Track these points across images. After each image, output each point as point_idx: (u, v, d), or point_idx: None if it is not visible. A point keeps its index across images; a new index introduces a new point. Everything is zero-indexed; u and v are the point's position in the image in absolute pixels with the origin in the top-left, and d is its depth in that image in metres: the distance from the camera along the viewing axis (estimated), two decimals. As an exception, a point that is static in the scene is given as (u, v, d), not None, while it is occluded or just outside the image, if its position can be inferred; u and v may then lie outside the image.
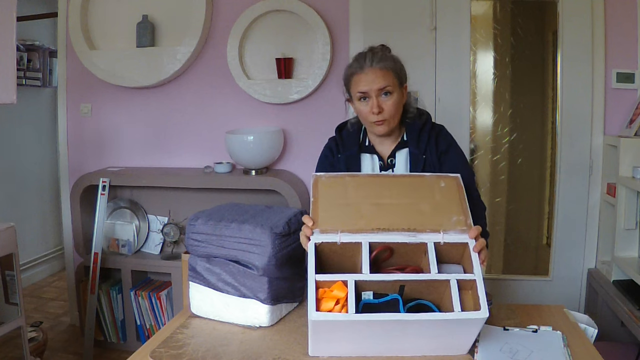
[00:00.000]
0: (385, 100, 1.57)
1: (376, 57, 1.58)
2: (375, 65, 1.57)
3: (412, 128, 1.66)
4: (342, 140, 1.71)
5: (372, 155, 1.69)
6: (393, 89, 1.58)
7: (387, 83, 1.56)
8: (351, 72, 1.61)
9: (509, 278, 2.93)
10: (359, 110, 1.62)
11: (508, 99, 2.88)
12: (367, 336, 1.20)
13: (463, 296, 1.21)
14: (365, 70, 1.57)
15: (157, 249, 3.04)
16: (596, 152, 2.74)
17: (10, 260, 2.19)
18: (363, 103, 1.59)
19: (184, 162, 3.12)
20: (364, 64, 1.58)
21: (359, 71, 1.58)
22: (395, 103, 1.58)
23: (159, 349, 1.29)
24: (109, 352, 2.98)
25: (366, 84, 1.56)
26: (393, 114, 1.59)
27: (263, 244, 1.38)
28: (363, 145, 1.71)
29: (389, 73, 1.57)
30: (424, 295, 1.25)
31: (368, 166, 1.69)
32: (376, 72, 1.56)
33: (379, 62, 1.57)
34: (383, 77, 1.56)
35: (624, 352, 2.28)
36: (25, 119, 3.97)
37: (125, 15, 3.02)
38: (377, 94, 1.56)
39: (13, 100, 2.22)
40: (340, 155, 1.69)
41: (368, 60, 1.58)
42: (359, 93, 1.58)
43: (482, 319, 1.15)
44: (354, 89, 1.60)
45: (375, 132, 1.63)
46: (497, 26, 2.87)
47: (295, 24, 2.88)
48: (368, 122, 1.62)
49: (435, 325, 1.17)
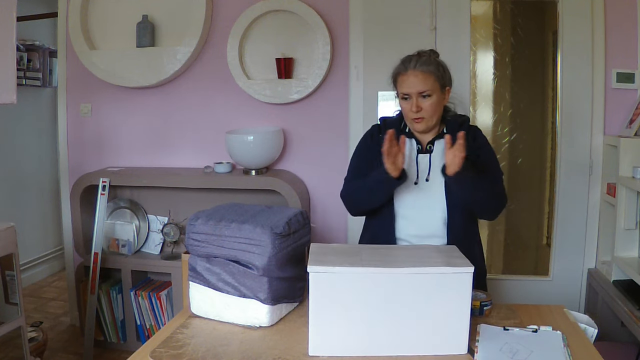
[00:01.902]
0: (424, 101, 1.69)
1: (420, 60, 1.70)
2: (418, 68, 1.68)
3: (452, 123, 1.78)
4: (385, 126, 1.82)
5: (411, 140, 1.78)
6: (432, 92, 1.68)
7: (427, 87, 1.67)
8: (396, 72, 1.74)
9: (509, 278, 2.93)
10: (402, 107, 1.75)
11: (508, 99, 2.88)
12: (365, 305, 1.20)
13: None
14: (408, 72, 1.69)
15: (157, 249, 3.04)
16: (596, 152, 2.74)
17: (10, 260, 2.19)
18: (405, 101, 1.72)
19: (184, 162, 3.12)
20: (408, 65, 1.70)
21: (403, 72, 1.71)
22: (434, 104, 1.69)
23: (159, 349, 1.29)
24: (109, 352, 2.98)
25: (407, 85, 1.69)
26: (431, 114, 1.70)
27: (263, 244, 1.38)
28: (403, 130, 1.80)
29: (430, 76, 1.68)
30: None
31: (407, 148, 1.76)
32: (417, 75, 1.68)
33: (422, 66, 1.69)
34: (424, 80, 1.67)
35: (624, 352, 2.28)
36: (25, 119, 3.97)
37: (125, 15, 3.02)
38: (417, 96, 1.68)
39: (13, 100, 2.22)
40: (381, 135, 1.78)
41: (413, 62, 1.70)
42: (402, 93, 1.72)
43: (469, 274, 1.22)
44: (399, 88, 1.73)
45: (414, 129, 1.76)
46: (497, 26, 2.87)
47: (295, 24, 2.88)
48: (408, 119, 1.74)
49: (427, 282, 1.22)
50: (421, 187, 1.73)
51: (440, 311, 1.24)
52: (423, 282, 1.23)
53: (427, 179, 1.73)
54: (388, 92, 2.91)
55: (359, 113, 2.87)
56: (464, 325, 1.25)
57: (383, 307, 1.23)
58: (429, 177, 1.73)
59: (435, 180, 1.72)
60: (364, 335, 1.24)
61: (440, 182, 1.70)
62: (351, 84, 2.87)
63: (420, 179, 1.74)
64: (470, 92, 2.83)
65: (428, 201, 1.72)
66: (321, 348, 1.25)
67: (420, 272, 1.24)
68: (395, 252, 1.39)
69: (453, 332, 1.25)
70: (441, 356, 1.24)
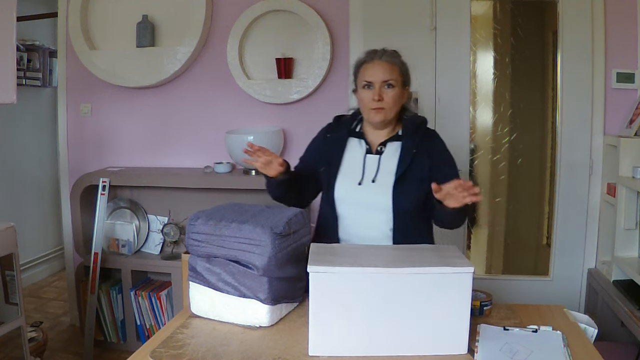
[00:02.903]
0: (387, 91, 1.69)
1: (386, 53, 1.73)
2: (384, 59, 1.71)
3: (409, 124, 1.76)
4: (336, 126, 1.84)
5: (360, 140, 1.78)
6: (396, 84, 1.70)
7: (392, 77, 1.69)
8: (361, 61, 1.75)
9: (509, 278, 2.93)
10: (361, 97, 1.72)
11: (508, 99, 2.87)
12: (364, 303, 1.21)
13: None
14: (374, 61, 1.71)
15: (157, 249, 3.04)
16: (596, 152, 2.74)
17: (10, 260, 2.19)
18: (366, 91, 1.70)
19: (184, 162, 3.12)
20: (374, 56, 1.72)
21: (369, 61, 1.72)
22: (396, 96, 1.70)
23: (159, 349, 1.29)
24: (109, 352, 2.98)
25: (372, 73, 1.69)
26: (391, 105, 1.70)
27: (263, 244, 1.38)
28: (353, 130, 1.80)
29: (395, 68, 1.71)
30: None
31: (354, 149, 1.77)
32: (384, 65, 1.70)
33: (388, 57, 1.72)
34: (389, 70, 1.69)
35: (624, 352, 2.28)
36: (25, 119, 3.97)
37: (125, 15, 3.02)
38: (380, 85, 1.68)
39: (13, 100, 2.22)
40: (329, 135, 1.81)
41: (379, 54, 1.72)
42: (364, 81, 1.70)
43: (469, 274, 1.22)
44: (360, 77, 1.72)
45: (372, 120, 1.72)
46: (497, 26, 2.87)
47: (295, 24, 2.88)
48: (367, 110, 1.72)
49: (427, 282, 1.22)
50: (365, 187, 1.70)
51: (440, 311, 1.24)
52: (423, 282, 1.23)
53: (373, 180, 1.70)
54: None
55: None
56: (464, 325, 1.25)
57: (383, 307, 1.23)
58: (375, 178, 1.70)
59: (382, 182, 1.69)
60: (364, 335, 1.24)
61: (387, 185, 1.67)
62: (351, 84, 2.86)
63: (366, 179, 1.70)
64: (470, 92, 2.83)
65: (371, 202, 1.69)
66: (321, 348, 1.25)
67: (420, 272, 1.24)
68: (395, 252, 1.39)
69: (453, 332, 1.25)
70: (441, 356, 1.24)
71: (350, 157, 1.75)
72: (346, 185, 1.71)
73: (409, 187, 1.67)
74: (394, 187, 1.67)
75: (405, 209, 1.67)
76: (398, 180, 1.67)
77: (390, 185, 1.67)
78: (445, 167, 1.73)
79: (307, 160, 1.86)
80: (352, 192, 1.70)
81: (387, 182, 1.68)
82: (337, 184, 1.73)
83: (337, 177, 1.73)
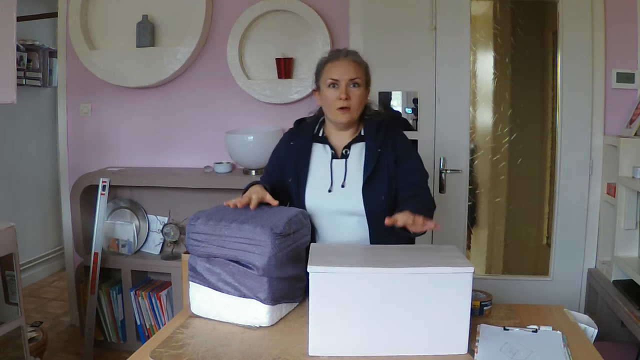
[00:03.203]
0: (353, 90, 1.67)
1: (351, 52, 1.72)
2: (350, 57, 1.69)
3: (370, 124, 1.74)
4: (298, 131, 1.80)
5: (325, 146, 1.75)
6: (361, 83, 1.68)
7: (358, 75, 1.67)
8: (326, 60, 1.72)
9: (509, 278, 2.93)
10: (326, 96, 1.69)
11: (508, 99, 2.87)
12: (365, 305, 1.22)
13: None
14: (340, 59, 1.68)
15: (157, 249, 3.04)
16: (596, 152, 2.74)
17: (10, 260, 2.19)
18: (332, 90, 1.67)
19: (184, 162, 3.12)
20: (340, 55, 1.70)
21: (334, 60, 1.69)
22: (362, 96, 1.69)
23: (159, 349, 1.29)
24: (109, 352, 2.98)
25: (339, 71, 1.66)
26: (357, 105, 1.68)
27: (263, 243, 1.38)
28: (317, 136, 1.77)
29: (361, 68, 1.70)
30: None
31: (319, 155, 1.74)
32: (350, 63, 1.68)
33: (354, 56, 1.71)
34: (355, 69, 1.67)
35: (624, 352, 2.28)
36: (25, 119, 3.97)
37: (125, 15, 3.02)
38: (347, 83, 1.66)
39: (13, 100, 2.22)
40: (292, 143, 1.78)
41: (344, 53, 1.71)
42: (330, 79, 1.67)
43: (469, 274, 1.22)
44: (325, 76, 1.69)
45: (337, 120, 1.69)
46: (497, 26, 2.87)
47: (295, 24, 2.88)
48: (332, 109, 1.69)
49: (427, 282, 1.23)
50: (335, 194, 1.68)
51: (440, 311, 1.24)
52: (423, 282, 1.23)
53: (342, 185, 1.68)
54: (388, 92, 2.91)
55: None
56: (464, 325, 1.25)
57: (383, 307, 1.23)
58: (344, 183, 1.68)
59: (351, 186, 1.67)
60: (364, 335, 1.24)
61: (357, 188, 1.66)
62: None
63: (335, 185, 1.68)
64: (470, 92, 2.83)
65: (344, 208, 1.67)
66: (321, 348, 1.25)
67: (420, 272, 1.23)
68: (395, 252, 1.39)
69: (453, 332, 1.25)
70: (441, 356, 1.24)
71: (317, 164, 1.72)
72: (316, 194, 1.68)
73: (378, 188, 1.66)
74: (363, 190, 1.65)
75: (377, 210, 1.64)
76: (366, 182, 1.66)
77: (360, 187, 1.66)
78: (407, 161, 1.71)
79: (273, 172, 1.80)
80: (323, 200, 1.68)
81: (356, 186, 1.66)
82: (307, 193, 1.70)
83: (306, 186, 1.70)
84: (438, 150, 2.85)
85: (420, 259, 1.32)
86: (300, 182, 1.71)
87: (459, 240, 2.88)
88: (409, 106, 2.89)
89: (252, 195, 1.54)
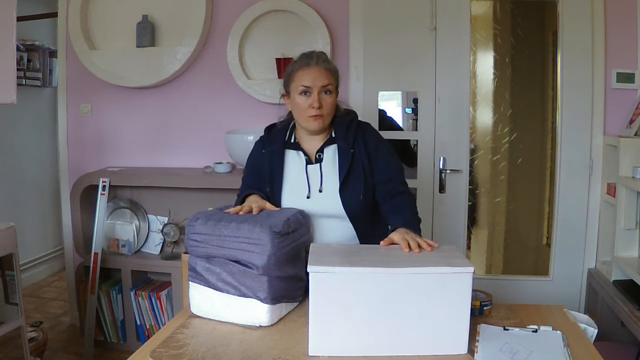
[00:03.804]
0: (325, 97, 1.66)
1: (321, 58, 1.69)
2: (321, 64, 1.67)
3: (340, 125, 1.74)
4: (269, 138, 1.79)
5: (298, 152, 1.74)
6: (333, 89, 1.68)
7: (330, 82, 1.66)
8: (297, 67, 1.68)
9: (509, 278, 2.93)
10: (298, 104, 1.67)
11: (508, 99, 2.87)
12: (365, 305, 1.21)
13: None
14: (311, 66, 1.66)
15: (157, 249, 3.04)
16: (596, 152, 2.74)
17: (10, 260, 2.19)
18: (304, 97, 1.66)
19: (184, 162, 3.12)
20: (311, 61, 1.67)
21: (305, 67, 1.66)
22: (333, 102, 1.68)
23: (159, 349, 1.29)
24: (109, 352, 2.98)
25: (311, 79, 1.64)
26: (329, 111, 1.68)
27: (262, 243, 1.38)
28: (288, 142, 1.76)
29: (331, 74, 1.68)
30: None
31: (293, 162, 1.73)
32: (321, 70, 1.66)
33: (324, 62, 1.68)
34: (327, 76, 1.66)
35: (624, 352, 2.28)
36: (25, 119, 3.97)
37: (125, 15, 3.02)
38: (319, 90, 1.65)
39: (13, 100, 2.22)
40: (264, 151, 1.77)
41: (314, 59, 1.67)
42: (302, 87, 1.65)
43: (469, 274, 1.22)
44: (296, 82, 1.67)
45: (310, 128, 1.69)
46: (497, 26, 2.87)
47: (295, 24, 2.88)
48: (304, 117, 1.67)
49: (427, 282, 1.23)
50: (314, 199, 1.68)
51: (440, 311, 1.24)
52: (423, 282, 1.23)
53: (320, 189, 1.68)
54: (388, 92, 2.91)
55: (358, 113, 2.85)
56: (464, 325, 1.25)
57: (383, 307, 1.23)
58: (321, 187, 1.68)
59: (328, 190, 1.67)
60: (364, 335, 1.24)
61: (334, 191, 1.66)
62: (351, 84, 2.87)
63: (313, 191, 1.68)
64: (470, 92, 2.83)
65: (325, 212, 1.67)
66: (321, 348, 1.25)
67: (420, 272, 1.24)
68: (395, 252, 1.39)
69: (453, 332, 1.25)
70: (441, 356, 1.24)
71: (292, 171, 1.72)
72: (295, 201, 1.68)
73: (355, 188, 1.66)
74: (340, 192, 1.66)
75: (356, 210, 1.66)
76: (342, 184, 1.66)
77: (337, 190, 1.66)
78: (380, 156, 1.71)
79: (251, 183, 1.79)
80: (302, 206, 1.66)
81: (334, 189, 1.67)
82: (284, 201, 1.70)
83: (283, 194, 1.70)
84: (438, 150, 2.85)
85: (420, 259, 1.32)
86: (276, 191, 1.71)
87: (459, 240, 2.88)
88: (409, 106, 2.90)
89: (253, 205, 1.55)
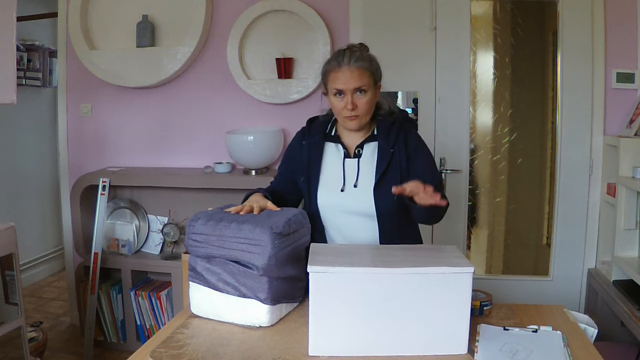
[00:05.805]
0: (359, 97, 1.63)
1: (354, 56, 1.63)
2: (353, 65, 1.62)
3: (383, 124, 1.72)
4: (309, 130, 1.78)
5: (337, 145, 1.73)
6: (367, 88, 1.63)
7: (363, 83, 1.62)
8: (329, 68, 1.66)
9: (509, 278, 2.93)
10: (334, 105, 1.67)
11: (508, 99, 2.87)
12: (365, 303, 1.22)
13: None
14: (342, 68, 1.62)
15: (157, 249, 3.05)
16: (596, 152, 2.74)
17: (10, 260, 2.19)
18: (338, 99, 1.64)
19: (184, 162, 3.12)
20: (342, 62, 1.62)
21: (337, 68, 1.63)
22: (369, 101, 1.64)
23: (159, 349, 1.29)
24: (109, 352, 2.98)
25: (342, 82, 1.61)
26: (365, 111, 1.65)
27: (263, 243, 1.38)
28: (329, 135, 1.76)
29: (365, 73, 1.63)
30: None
31: (332, 154, 1.73)
32: (353, 72, 1.61)
33: (356, 62, 1.62)
34: (359, 76, 1.61)
35: (624, 352, 2.28)
36: (25, 119, 3.97)
37: (125, 15, 3.02)
38: (352, 92, 1.62)
39: (13, 100, 2.22)
40: (304, 142, 1.76)
41: (346, 58, 1.63)
42: (334, 89, 1.64)
43: (469, 274, 1.22)
44: (331, 85, 1.65)
45: (347, 127, 1.69)
46: (497, 26, 2.87)
47: (295, 24, 2.88)
48: (341, 117, 1.67)
49: (427, 282, 1.22)
50: (348, 193, 1.67)
51: (440, 311, 1.24)
52: (423, 282, 1.23)
53: (355, 184, 1.67)
54: (388, 92, 2.91)
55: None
56: (464, 325, 1.25)
57: (383, 307, 1.23)
58: (357, 182, 1.67)
59: (363, 186, 1.66)
60: (364, 335, 1.24)
61: (369, 187, 1.65)
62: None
63: (348, 185, 1.67)
64: (470, 92, 2.83)
65: (355, 208, 1.66)
66: (321, 348, 1.25)
67: (420, 272, 1.23)
68: (395, 252, 1.39)
69: (453, 332, 1.25)
70: (441, 356, 1.24)
71: (329, 163, 1.72)
72: (329, 193, 1.68)
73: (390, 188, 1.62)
74: (374, 190, 1.64)
75: (387, 210, 1.64)
76: (378, 182, 1.65)
77: (372, 188, 1.65)
78: (416, 163, 1.69)
79: (285, 172, 1.80)
80: (335, 199, 1.67)
81: (368, 186, 1.66)
82: (319, 192, 1.69)
83: (319, 185, 1.70)
84: (438, 150, 2.85)
85: (420, 259, 1.32)
86: (312, 181, 1.70)
87: (459, 240, 2.88)
88: (409, 106, 2.90)
89: (254, 205, 1.54)
